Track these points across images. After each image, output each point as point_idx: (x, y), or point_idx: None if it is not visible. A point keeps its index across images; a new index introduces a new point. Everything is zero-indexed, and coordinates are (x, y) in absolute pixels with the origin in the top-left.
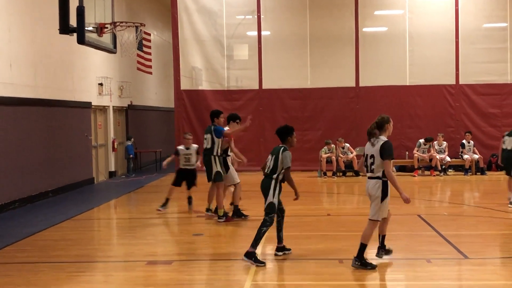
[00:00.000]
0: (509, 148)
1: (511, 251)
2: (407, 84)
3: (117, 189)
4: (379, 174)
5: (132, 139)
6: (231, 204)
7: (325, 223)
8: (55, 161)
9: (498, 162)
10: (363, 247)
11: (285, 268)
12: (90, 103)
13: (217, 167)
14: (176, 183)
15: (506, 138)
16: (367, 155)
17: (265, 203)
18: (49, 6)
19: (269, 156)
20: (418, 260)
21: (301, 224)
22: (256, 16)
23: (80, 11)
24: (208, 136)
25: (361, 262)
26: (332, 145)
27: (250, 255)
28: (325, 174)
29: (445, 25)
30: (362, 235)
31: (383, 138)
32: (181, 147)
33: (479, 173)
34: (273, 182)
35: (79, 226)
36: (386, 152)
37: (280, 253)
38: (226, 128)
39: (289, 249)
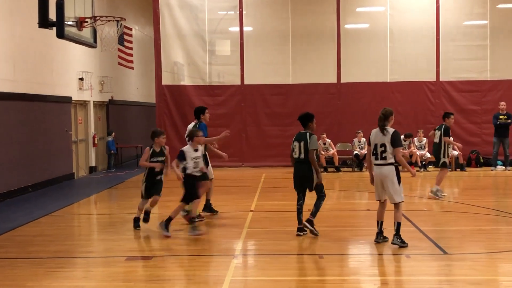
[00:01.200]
0: (436, 141)
1: (489, 246)
2: (388, 81)
3: (97, 185)
4: (392, 160)
5: (113, 134)
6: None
7: (306, 219)
8: (34, 156)
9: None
10: (399, 226)
11: (265, 264)
12: (71, 97)
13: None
14: (197, 194)
15: (436, 132)
16: (376, 144)
17: (306, 188)
18: (29, 0)
19: (295, 143)
20: (397, 255)
21: (281, 219)
22: (238, 12)
23: (60, 5)
24: None
25: (400, 240)
26: None
27: (311, 222)
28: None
29: (426, 22)
30: (395, 217)
31: (391, 129)
32: (187, 149)
33: (459, 169)
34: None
35: (59, 222)
36: (397, 140)
37: (301, 233)
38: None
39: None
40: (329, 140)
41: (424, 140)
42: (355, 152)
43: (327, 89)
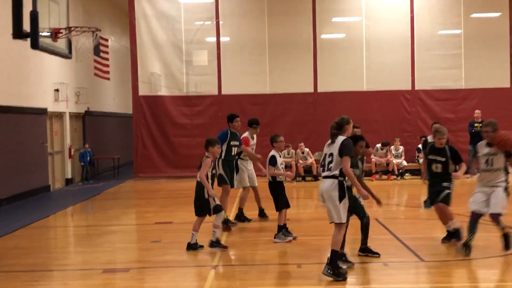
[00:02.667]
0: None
1: (481, 253)
2: (364, 90)
3: (73, 197)
4: (336, 172)
5: (86, 146)
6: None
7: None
8: (9, 168)
9: None
10: (334, 254)
11: (243, 274)
12: (46, 109)
13: (220, 170)
14: (287, 201)
15: None
16: (325, 154)
17: None
18: (2, 10)
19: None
20: (375, 263)
21: (260, 229)
22: (215, 22)
23: (34, 16)
24: None
25: (333, 271)
26: (292, 150)
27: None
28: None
29: (401, 32)
30: (331, 241)
31: (343, 137)
32: (275, 153)
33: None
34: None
35: (34, 234)
36: (345, 148)
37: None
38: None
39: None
40: (307, 149)
41: (401, 148)
42: None
43: (304, 98)
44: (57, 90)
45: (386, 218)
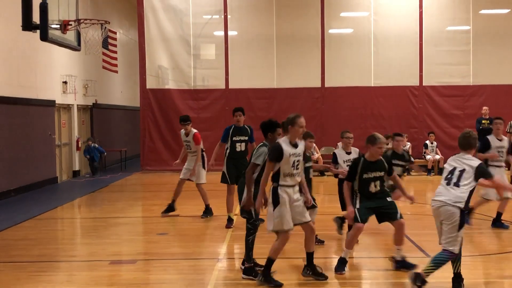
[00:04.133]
0: None
1: (472, 249)
2: (372, 85)
3: (81, 189)
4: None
5: (89, 142)
6: None
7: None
8: (17, 160)
9: None
10: (269, 261)
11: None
12: (54, 101)
13: (224, 169)
14: None
15: None
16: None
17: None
18: (12, 2)
19: None
20: (381, 258)
21: (265, 223)
22: (223, 16)
23: (43, 8)
24: None
25: (265, 278)
26: None
27: (249, 271)
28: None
29: (409, 28)
30: (270, 249)
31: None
32: (339, 151)
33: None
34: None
35: (41, 226)
36: (270, 152)
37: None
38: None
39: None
40: (314, 144)
41: (408, 144)
42: None
43: (311, 93)
44: (65, 82)
45: None
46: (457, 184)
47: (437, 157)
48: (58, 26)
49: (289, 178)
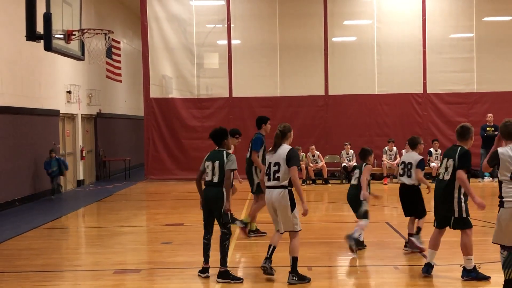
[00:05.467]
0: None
1: (478, 257)
2: (375, 93)
3: (85, 198)
4: (285, 183)
5: (53, 154)
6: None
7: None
8: (22, 170)
9: None
10: (295, 261)
11: (254, 276)
12: (58, 111)
13: (258, 179)
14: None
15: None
16: (270, 163)
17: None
18: (16, 12)
19: (208, 163)
20: (385, 266)
21: (270, 232)
22: (226, 25)
23: (47, 18)
24: (251, 144)
25: (298, 277)
26: (302, 153)
27: (224, 275)
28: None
29: (413, 35)
30: (290, 249)
31: (287, 146)
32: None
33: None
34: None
35: (46, 235)
36: (293, 159)
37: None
38: None
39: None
40: (318, 152)
41: None
42: (343, 164)
43: (314, 101)
44: (69, 92)
45: (398, 222)
46: None
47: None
48: (62, 36)
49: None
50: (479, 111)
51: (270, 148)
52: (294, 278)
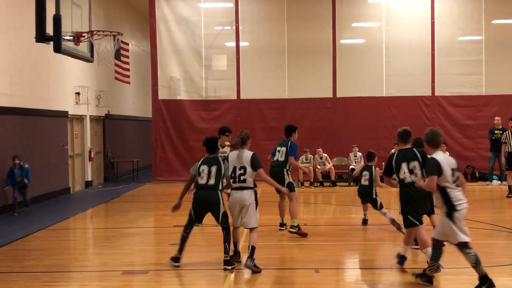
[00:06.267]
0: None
1: (485, 260)
2: (384, 95)
3: (93, 199)
4: (251, 184)
5: (16, 161)
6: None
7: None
8: (30, 170)
9: None
10: (253, 249)
11: (261, 277)
12: (67, 112)
13: (289, 179)
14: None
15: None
16: (235, 167)
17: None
18: (26, 14)
19: (204, 167)
20: (394, 270)
21: (277, 233)
22: (234, 27)
23: (57, 20)
24: (283, 149)
25: (254, 263)
26: (310, 155)
27: (228, 262)
28: (302, 184)
29: (421, 38)
30: (252, 241)
31: (249, 151)
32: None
33: None
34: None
35: (54, 236)
36: (257, 163)
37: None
38: None
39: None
40: (326, 155)
41: None
42: (351, 166)
43: (322, 103)
44: (78, 93)
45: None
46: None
47: None
48: (71, 37)
49: None
50: (487, 114)
51: (233, 152)
52: (251, 263)
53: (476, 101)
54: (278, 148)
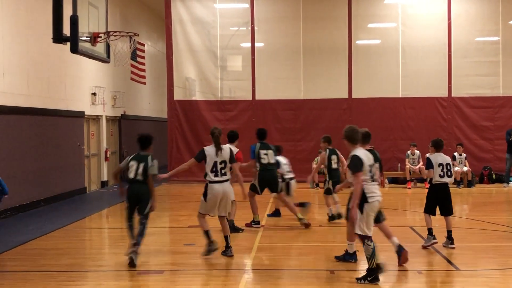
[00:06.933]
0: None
1: (502, 263)
2: (400, 96)
3: (109, 199)
4: (229, 176)
5: None
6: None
7: (317, 234)
8: (47, 170)
9: None
10: (229, 238)
11: (276, 279)
12: (83, 112)
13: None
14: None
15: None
16: (216, 161)
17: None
18: (43, 15)
19: (133, 163)
20: (409, 271)
21: (293, 235)
22: (249, 28)
23: (74, 20)
24: (271, 152)
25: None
26: None
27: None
28: (317, 185)
29: (438, 38)
30: (225, 230)
31: (226, 146)
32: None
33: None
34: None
35: (71, 235)
36: (233, 157)
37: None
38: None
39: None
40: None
41: None
42: None
43: (338, 104)
44: (94, 94)
45: (421, 226)
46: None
47: (465, 169)
48: (88, 38)
49: None
50: (504, 115)
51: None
52: (229, 252)
53: (493, 103)
54: (264, 151)
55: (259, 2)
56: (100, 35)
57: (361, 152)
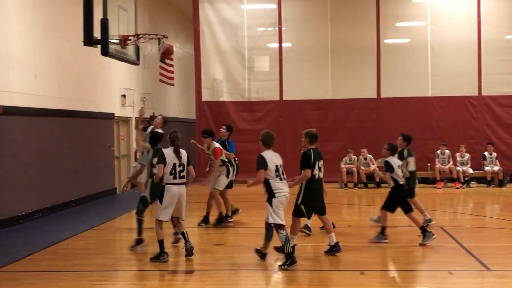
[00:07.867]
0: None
1: (510, 261)
2: (429, 96)
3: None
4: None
5: None
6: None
7: (346, 235)
8: (78, 171)
9: None
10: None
11: (306, 279)
12: (113, 114)
13: None
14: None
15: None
16: (175, 164)
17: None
18: (74, 18)
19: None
20: (440, 272)
21: (322, 235)
22: (277, 28)
23: (104, 23)
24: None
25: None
26: (353, 156)
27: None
28: (346, 185)
29: (467, 37)
30: (181, 228)
31: (183, 150)
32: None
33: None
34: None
35: (102, 236)
36: (189, 159)
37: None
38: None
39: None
40: (370, 156)
41: (467, 156)
42: None
43: (366, 104)
44: (124, 96)
45: (452, 226)
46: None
47: (496, 168)
48: (118, 41)
49: None
50: None
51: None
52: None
53: None
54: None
55: (286, 2)
56: (129, 37)
57: (268, 154)
